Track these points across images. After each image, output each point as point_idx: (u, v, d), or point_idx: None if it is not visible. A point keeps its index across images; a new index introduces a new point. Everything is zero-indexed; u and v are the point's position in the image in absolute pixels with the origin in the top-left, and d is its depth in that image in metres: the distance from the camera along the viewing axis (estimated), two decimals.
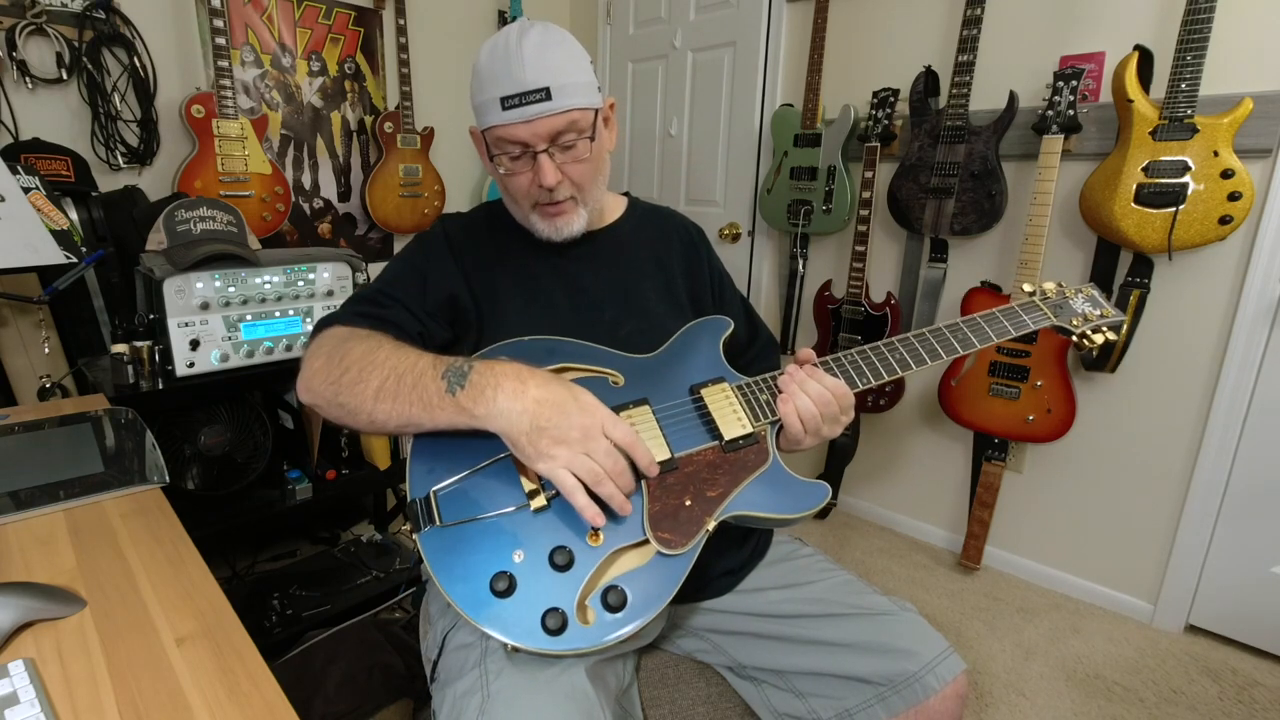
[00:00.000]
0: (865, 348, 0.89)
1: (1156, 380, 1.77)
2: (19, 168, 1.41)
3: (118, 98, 1.95)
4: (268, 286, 1.52)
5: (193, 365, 1.45)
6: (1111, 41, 1.71)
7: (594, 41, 2.92)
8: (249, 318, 1.50)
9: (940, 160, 1.89)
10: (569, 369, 0.85)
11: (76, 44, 1.86)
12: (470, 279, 0.92)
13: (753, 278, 2.57)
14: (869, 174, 2.02)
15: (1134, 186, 1.58)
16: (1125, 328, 1.72)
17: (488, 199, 2.60)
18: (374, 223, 2.55)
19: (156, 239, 1.54)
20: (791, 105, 2.28)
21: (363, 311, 0.87)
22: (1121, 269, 1.74)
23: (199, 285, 1.43)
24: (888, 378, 0.87)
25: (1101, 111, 1.71)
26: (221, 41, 1.96)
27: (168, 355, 1.43)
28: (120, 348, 1.43)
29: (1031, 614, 1.89)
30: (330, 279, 1.61)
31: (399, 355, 0.77)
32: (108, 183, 1.93)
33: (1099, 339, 0.95)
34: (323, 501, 1.72)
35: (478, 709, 0.71)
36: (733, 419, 0.83)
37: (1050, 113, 1.68)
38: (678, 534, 0.74)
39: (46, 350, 1.68)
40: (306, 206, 2.45)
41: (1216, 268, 1.65)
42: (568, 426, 0.70)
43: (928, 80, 1.93)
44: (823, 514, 2.43)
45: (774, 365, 1.06)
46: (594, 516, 0.70)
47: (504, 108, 0.81)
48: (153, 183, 2.04)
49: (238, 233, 1.61)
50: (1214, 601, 1.76)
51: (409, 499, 0.75)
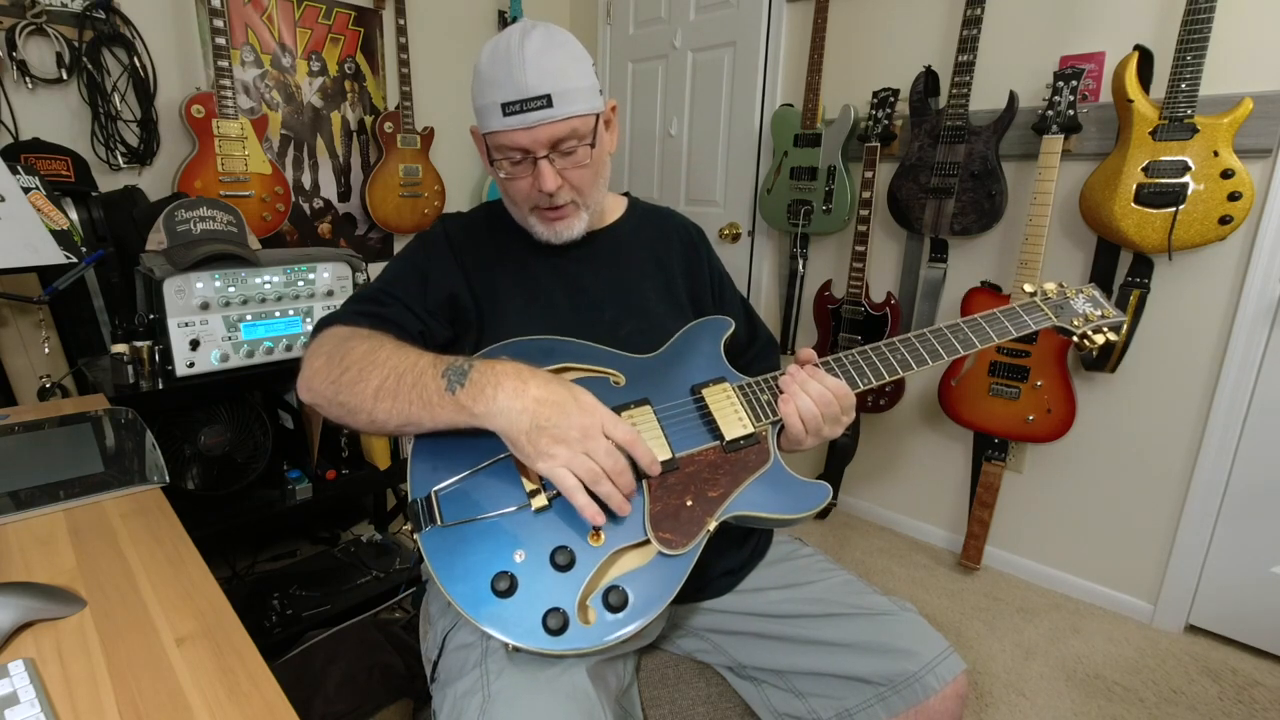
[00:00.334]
0: (866, 348, 0.89)
1: (1156, 380, 1.77)
2: (19, 168, 1.41)
3: (118, 98, 1.95)
4: (268, 286, 1.52)
5: (193, 365, 1.45)
6: (1111, 41, 1.71)
7: (594, 41, 2.92)
8: (249, 318, 1.50)
9: (940, 160, 1.89)
10: (570, 369, 0.85)
11: (76, 44, 1.86)
12: (471, 278, 0.92)
13: (753, 278, 2.57)
14: (869, 174, 2.02)
15: (1134, 186, 1.58)
16: (1125, 328, 1.72)
17: (488, 199, 2.60)
18: (374, 223, 2.55)
19: (156, 239, 1.54)
20: (791, 105, 2.28)
21: (364, 310, 0.87)
22: (1121, 269, 1.74)
23: (199, 285, 1.43)
24: (889, 378, 0.87)
25: (1101, 111, 1.71)
26: (221, 41, 1.96)
27: (168, 355, 1.43)
28: (120, 348, 1.43)
29: (1031, 614, 1.89)
30: (330, 279, 1.61)
31: (399, 354, 0.77)
32: (108, 183, 1.93)
33: (1099, 339, 0.95)
34: (323, 501, 1.72)
35: (478, 709, 0.71)
36: (734, 419, 0.83)
37: (1050, 113, 1.68)
38: (679, 534, 0.74)
39: (46, 350, 1.68)
40: (306, 206, 2.45)
41: (1216, 268, 1.65)
42: (568, 426, 0.69)
43: (928, 80, 1.93)
44: (823, 514, 2.43)
45: (774, 365, 1.05)
46: (594, 515, 0.70)
47: (505, 113, 0.81)
48: (153, 183, 2.04)
49: (238, 233, 1.61)
50: (1214, 601, 1.76)
51: (410, 499, 0.75)
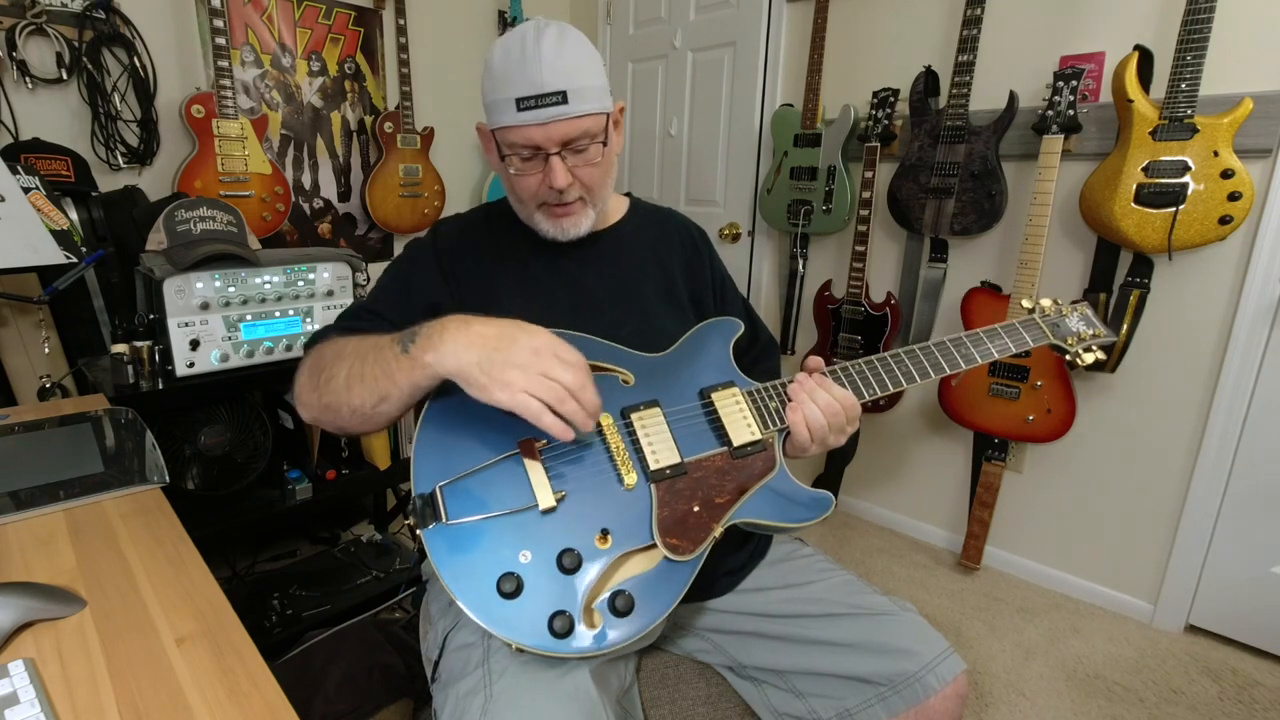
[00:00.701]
0: (872, 359, 0.89)
1: (1156, 380, 1.77)
2: (19, 168, 1.41)
3: (118, 98, 1.95)
4: (268, 286, 1.52)
5: (193, 365, 1.45)
6: (1111, 41, 1.71)
7: (594, 42, 2.91)
8: (249, 318, 1.50)
9: (940, 160, 1.89)
10: None
11: (76, 44, 1.85)
12: (458, 286, 0.93)
13: (753, 278, 2.57)
14: (869, 174, 2.02)
15: (1134, 186, 1.58)
16: (1125, 328, 1.72)
17: (488, 199, 2.61)
18: (374, 223, 2.55)
19: (156, 239, 1.54)
20: (791, 105, 2.28)
21: (346, 326, 0.89)
22: (1121, 269, 1.74)
23: (199, 285, 1.43)
24: (893, 389, 0.89)
25: (1101, 111, 1.71)
26: (221, 41, 1.96)
27: (168, 355, 1.43)
28: (120, 348, 1.43)
29: (1031, 614, 1.89)
30: (330, 279, 1.61)
31: (363, 342, 0.80)
32: (108, 183, 1.92)
33: (1089, 358, 0.98)
34: (323, 501, 1.72)
35: (480, 709, 0.71)
36: (742, 425, 0.83)
37: (1050, 113, 1.68)
38: (686, 540, 0.74)
39: (46, 350, 1.67)
40: (306, 206, 2.44)
41: (1216, 268, 1.65)
42: (517, 350, 0.70)
43: (928, 80, 1.93)
44: None
45: (774, 366, 1.06)
46: (563, 433, 0.70)
47: (519, 109, 0.81)
48: (153, 183, 2.04)
49: (238, 233, 1.61)
50: (1214, 601, 1.76)
51: (413, 494, 0.74)
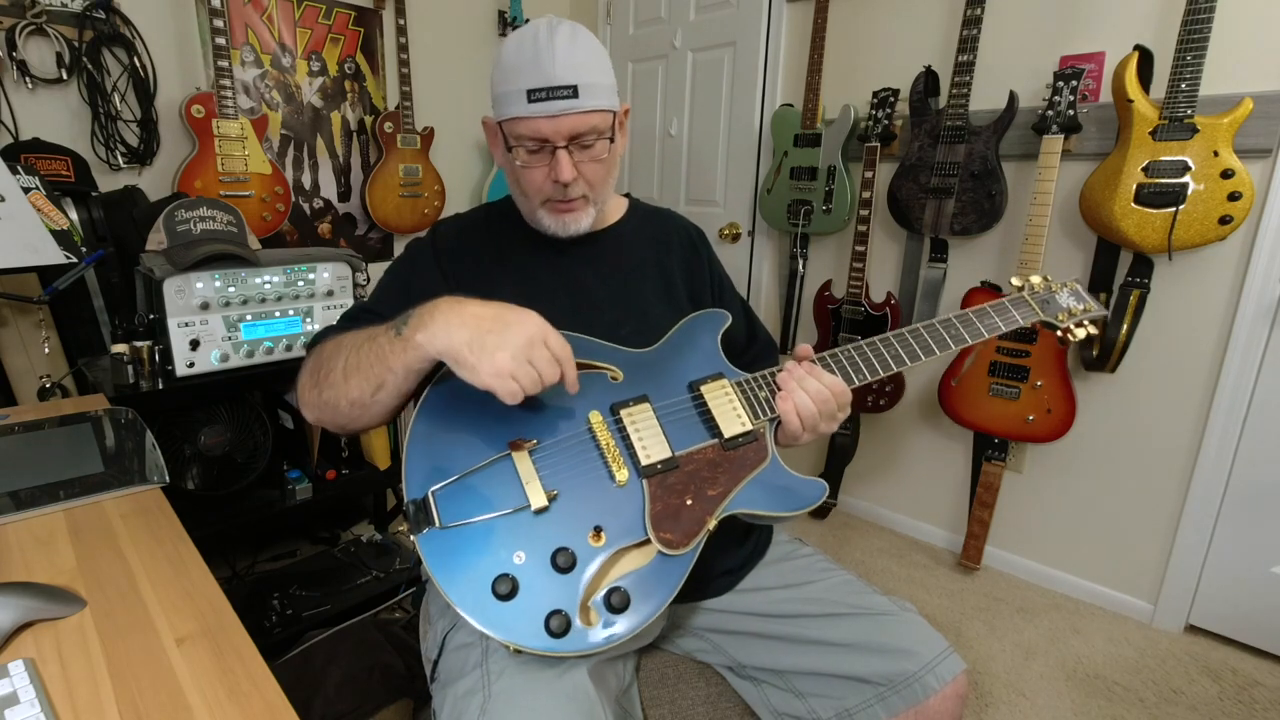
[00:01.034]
0: (861, 343, 0.89)
1: (1156, 380, 1.77)
2: (19, 168, 1.41)
3: (118, 98, 1.95)
4: (268, 286, 1.52)
5: (193, 365, 1.45)
6: (1111, 41, 1.71)
7: None
8: (249, 318, 1.50)
9: (940, 160, 1.89)
10: None
11: (76, 44, 1.85)
12: (457, 286, 0.92)
13: (753, 278, 2.57)
14: (869, 174, 2.02)
15: (1134, 186, 1.57)
16: (1125, 328, 1.72)
17: (488, 199, 2.61)
18: (374, 223, 2.55)
19: (156, 239, 1.54)
20: (791, 105, 2.28)
21: (347, 327, 0.89)
22: (1121, 269, 1.74)
23: (199, 285, 1.43)
24: (883, 374, 0.88)
25: (1101, 111, 1.71)
26: (221, 41, 1.96)
27: (168, 355, 1.43)
28: (120, 348, 1.43)
29: (1031, 614, 1.89)
30: (330, 279, 1.61)
31: (358, 334, 0.81)
32: (108, 183, 1.92)
33: (1081, 333, 0.98)
34: (323, 501, 1.72)
35: (479, 709, 0.71)
36: (732, 416, 0.83)
37: (1050, 113, 1.68)
38: (679, 534, 0.74)
39: (46, 350, 1.67)
40: (306, 206, 2.44)
41: (1216, 268, 1.65)
42: (510, 334, 0.71)
43: (928, 80, 1.93)
44: (823, 514, 2.43)
45: (772, 367, 1.06)
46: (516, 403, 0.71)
47: (530, 100, 0.81)
48: (153, 183, 2.04)
49: (238, 233, 1.61)
50: (1214, 601, 1.76)
51: (406, 500, 0.75)
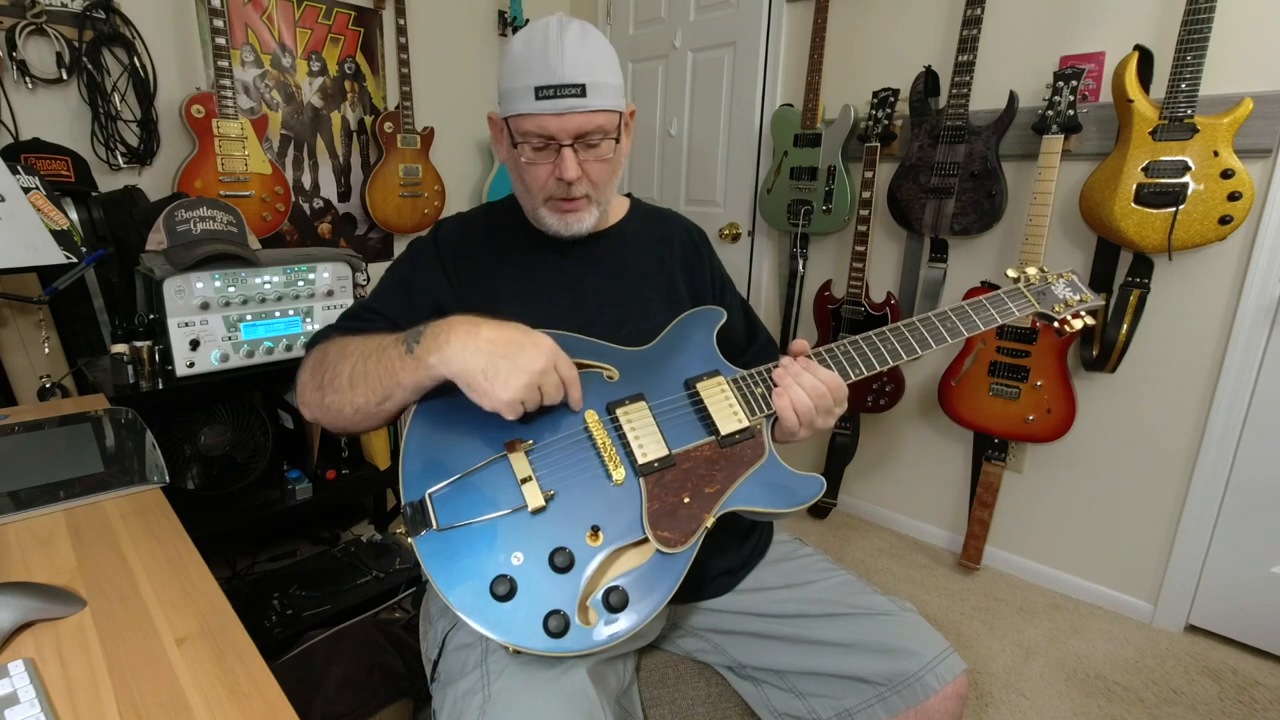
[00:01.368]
0: (857, 338, 0.89)
1: (1156, 380, 1.77)
2: (19, 168, 1.41)
3: (118, 98, 1.95)
4: (268, 286, 1.52)
5: (193, 365, 1.45)
6: (1111, 41, 1.71)
7: None
8: (249, 318, 1.50)
9: (940, 160, 1.89)
10: None
11: (76, 44, 1.85)
12: (459, 284, 0.93)
13: (753, 278, 2.57)
14: (869, 174, 2.02)
15: (1134, 186, 1.57)
16: (1125, 328, 1.72)
17: (488, 199, 2.61)
18: (374, 223, 2.55)
19: (156, 239, 1.54)
20: (791, 105, 2.28)
21: (348, 326, 0.89)
22: (1121, 269, 1.74)
23: (199, 285, 1.43)
24: (879, 368, 0.88)
25: (1101, 111, 1.70)
26: (221, 41, 1.96)
27: (168, 355, 1.43)
28: (120, 348, 1.43)
29: (1031, 614, 1.89)
30: (330, 279, 1.61)
31: (366, 341, 0.80)
32: (108, 183, 1.92)
33: (1078, 324, 0.98)
34: (323, 501, 1.72)
35: (479, 709, 0.71)
36: (729, 413, 0.83)
37: (1050, 113, 1.68)
38: (677, 532, 0.74)
39: (46, 350, 1.67)
40: (306, 206, 2.44)
41: (1216, 268, 1.65)
42: (523, 360, 0.72)
43: (928, 80, 1.93)
44: (823, 514, 2.43)
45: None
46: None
47: (537, 97, 0.82)
48: (153, 183, 2.04)
49: (238, 233, 1.61)
50: (1214, 601, 1.76)
51: (403, 502, 0.75)
